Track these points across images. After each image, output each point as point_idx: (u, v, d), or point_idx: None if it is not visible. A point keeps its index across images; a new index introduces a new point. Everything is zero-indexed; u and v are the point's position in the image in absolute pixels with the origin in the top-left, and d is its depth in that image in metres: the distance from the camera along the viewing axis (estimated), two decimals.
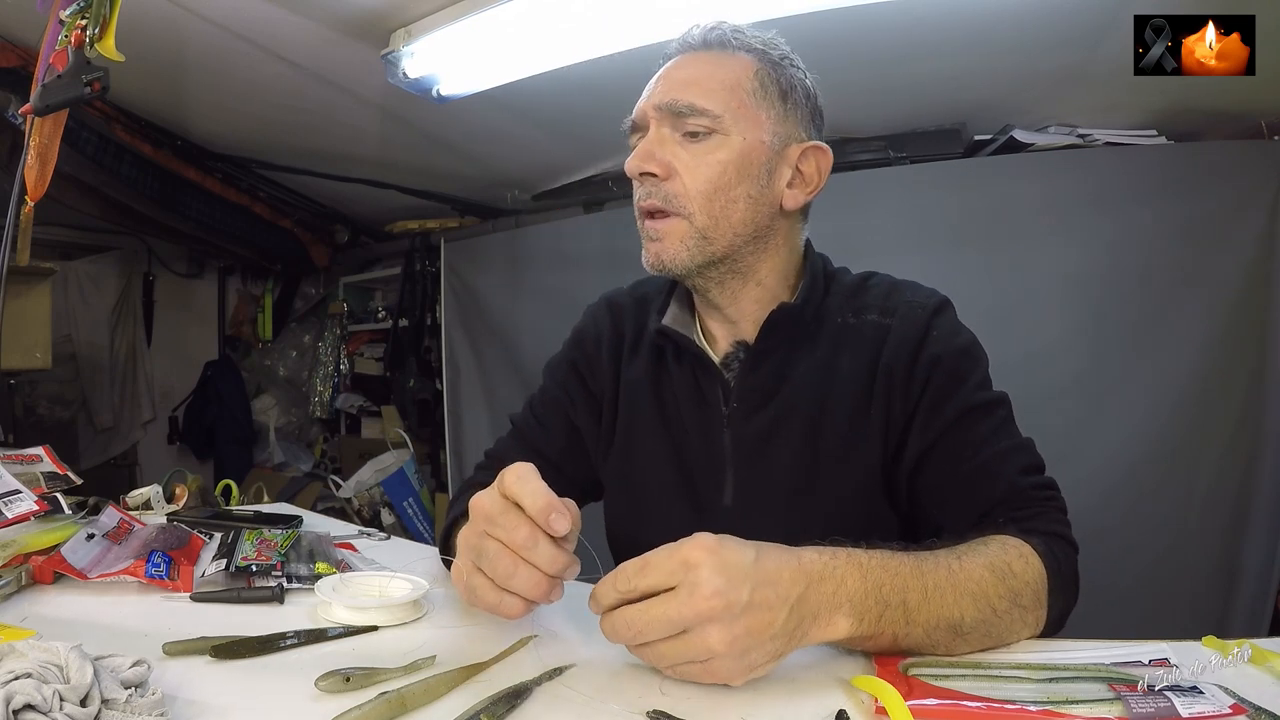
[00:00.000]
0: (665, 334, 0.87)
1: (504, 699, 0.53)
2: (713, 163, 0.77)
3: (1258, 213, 1.79)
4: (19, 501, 0.81)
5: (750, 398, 0.84)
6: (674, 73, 0.81)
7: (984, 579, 0.62)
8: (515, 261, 2.86)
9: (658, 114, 0.79)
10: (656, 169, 0.78)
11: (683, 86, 0.78)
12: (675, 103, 0.77)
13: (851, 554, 0.59)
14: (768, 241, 0.82)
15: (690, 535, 0.55)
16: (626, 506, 0.92)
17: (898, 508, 0.81)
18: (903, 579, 0.59)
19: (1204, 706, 0.49)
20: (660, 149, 0.78)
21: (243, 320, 4.08)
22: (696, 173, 0.77)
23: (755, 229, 0.80)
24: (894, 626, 0.58)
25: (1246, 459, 1.80)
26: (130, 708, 0.47)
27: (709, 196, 0.78)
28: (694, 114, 0.77)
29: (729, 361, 0.85)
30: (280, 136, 2.48)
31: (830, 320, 0.84)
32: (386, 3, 1.61)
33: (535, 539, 0.58)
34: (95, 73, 0.99)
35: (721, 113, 0.77)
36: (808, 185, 0.83)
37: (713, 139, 0.77)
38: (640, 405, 0.90)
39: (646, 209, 0.80)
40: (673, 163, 0.78)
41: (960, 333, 0.82)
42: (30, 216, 1.16)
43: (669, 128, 0.79)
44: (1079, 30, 1.61)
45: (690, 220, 0.78)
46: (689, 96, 0.77)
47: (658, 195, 0.78)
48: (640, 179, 0.79)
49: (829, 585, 0.56)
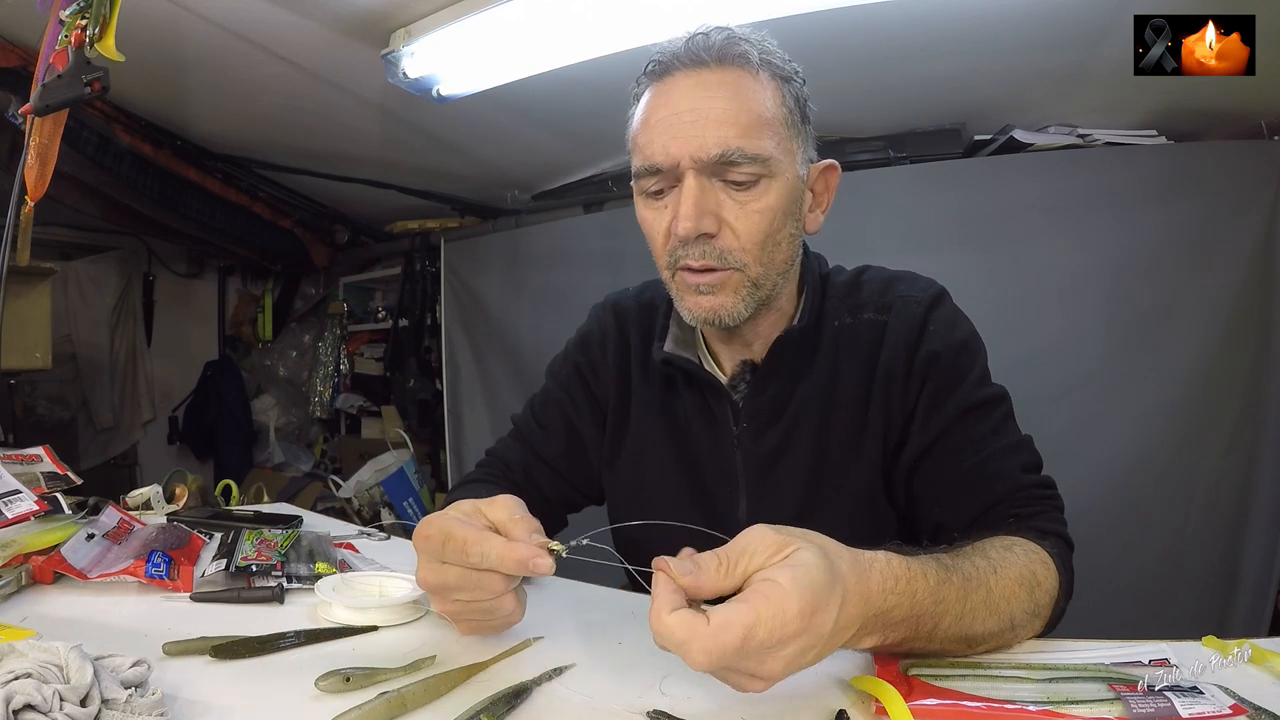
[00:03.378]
0: (671, 363, 0.86)
1: (504, 699, 0.53)
2: (764, 210, 0.72)
3: (1258, 213, 1.79)
4: (19, 501, 0.81)
5: (759, 417, 0.83)
6: (700, 104, 0.71)
7: (1015, 595, 0.61)
8: (515, 261, 2.86)
9: (698, 165, 0.71)
10: (713, 228, 0.72)
11: (721, 126, 0.70)
12: (726, 153, 0.70)
13: (911, 580, 0.54)
14: (794, 267, 0.81)
15: (762, 541, 0.49)
16: (635, 517, 0.92)
17: (896, 505, 0.81)
18: (945, 605, 0.56)
19: (1204, 707, 0.49)
20: (712, 203, 0.71)
21: (243, 320, 4.08)
22: (748, 221, 0.72)
23: (790, 264, 0.79)
24: (914, 642, 0.57)
25: (1246, 459, 1.80)
26: (130, 708, 0.47)
27: (761, 246, 0.73)
28: (746, 161, 0.70)
29: (736, 382, 0.85)
30: (280, 137, 2.48)
31: (828, 324, 0.84)
32: (386, 3, 1.61)
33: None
34: (95, 73, 0.99)
35: (770, 155, 0.71)
36: (821, 204, 0.82)
37: (760, 184, 0.72)
38: (651, 421, 0.90)
39: (697, 267, 0.73)
40: (722, 215, 0.72)
41: (958, 325, 0.81)
42: (30, 216, 1.16)
43: (710, 175, 0.72)
44: (1079, 30, 1.61)
45: (744, 272, 0.74)
46: (737, 142, 0.70)
47: (711, 255, 0.72)
48: (696, 241, 0.73)
49: (879, 620, 0.53)
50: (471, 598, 0.59)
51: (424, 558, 0.60)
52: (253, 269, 4.05)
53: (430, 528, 0.59)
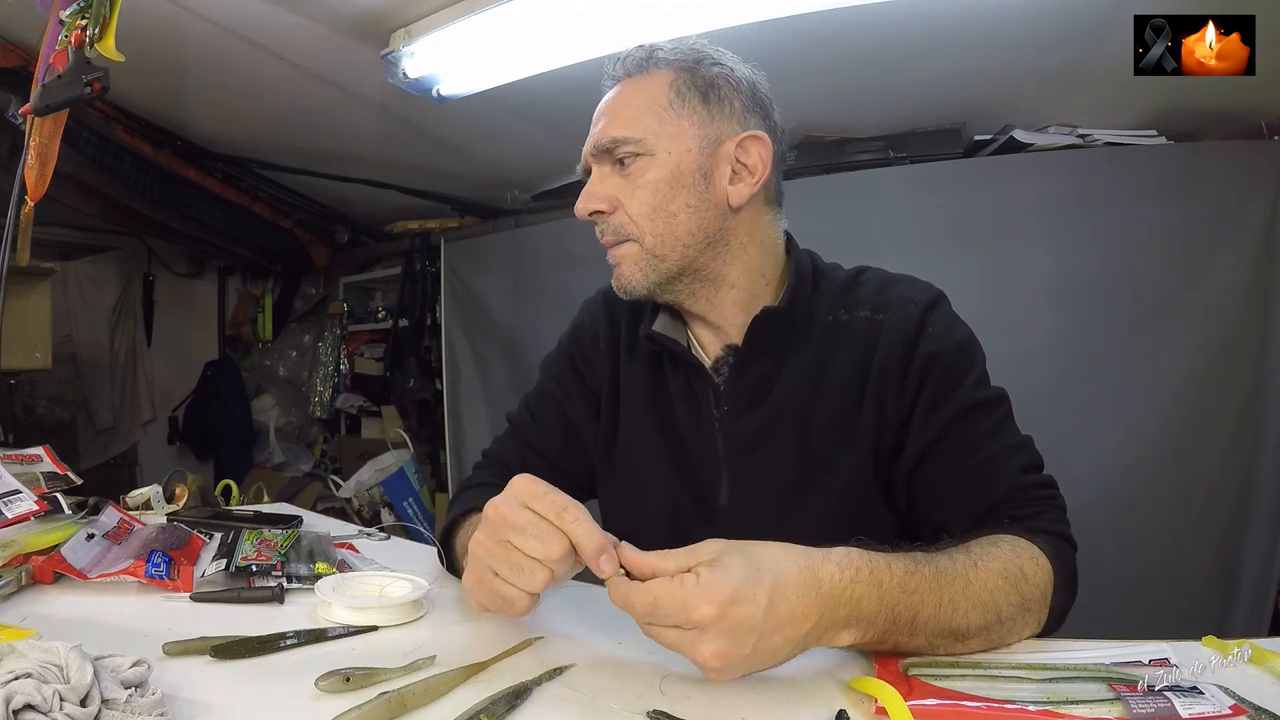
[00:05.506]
0: (655, 339, 0.88)
1: (504, 699, 0.53)
2: (645, 184, 0.80)
3: (1258, 213, 1.79)
4: (19, 501, 0.81)
5: (740, 400, 0.84)
6: (600, 111, 0.84)
7: (998, 588, 0.62)
8: (515, 261, 2.85)
9: (594, 156, 0.83)
10: (602, 205, 0.82)
11: (606, 122, 0.82)
12: (600, 141, 0.81)
13: (875, 570, 0.58)
14: (727, 244, 0.83)
15: (696, 546, 0.56)
16: (627, 504, 0.93)
17: (896, 508, 0.81)
18: (919, 596, 0.58)
19: (1204, 707, 0.49)
20: (600, 186, 0.82)
21: (243, 320, 4.08)
22: (634, 197, 0.80)
23: (706, 235, 0.81)
24: (897, 637, 0.58)
25: (1246, 459, 1.80)
26: (130, 708, 0.47)
27: (649, 217, 0.80)
28: (618, 145, 0.80)
29: (719, 366, 0.86)
30: (280, 136, 2.48)
31: (820, 318, 0.84)
32: (386, 3, 1.61)
33: (566, 556, 0.59)
34: (95, 73, 0.99)
35: (642, 135, 0.79)
36: (752, 176, 0.82)
37: (640, 162, 0.80)
38: (639, 406, 0.91)
39: (605, 244, 0.84)
40: (614, 194, 0.82)
41: (956, 328, 0.81)
42: (30, 216, 1.16)
43: (606, 165, 0.83)
44: (1079, 30, 1.61)
45: (640, 243, 0.81)
46: (611, 131, 0.81)
47: (609, 229, 0.82)
48: (592, 218, 0.83)
49: (843, 610, 0.56)
50: (529, 550, 0.59)
51: (508, 500, 0.61)
52: (253, 269, 4.05)
53: (535, 481, 0.62)
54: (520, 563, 0.59)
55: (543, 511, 0.59)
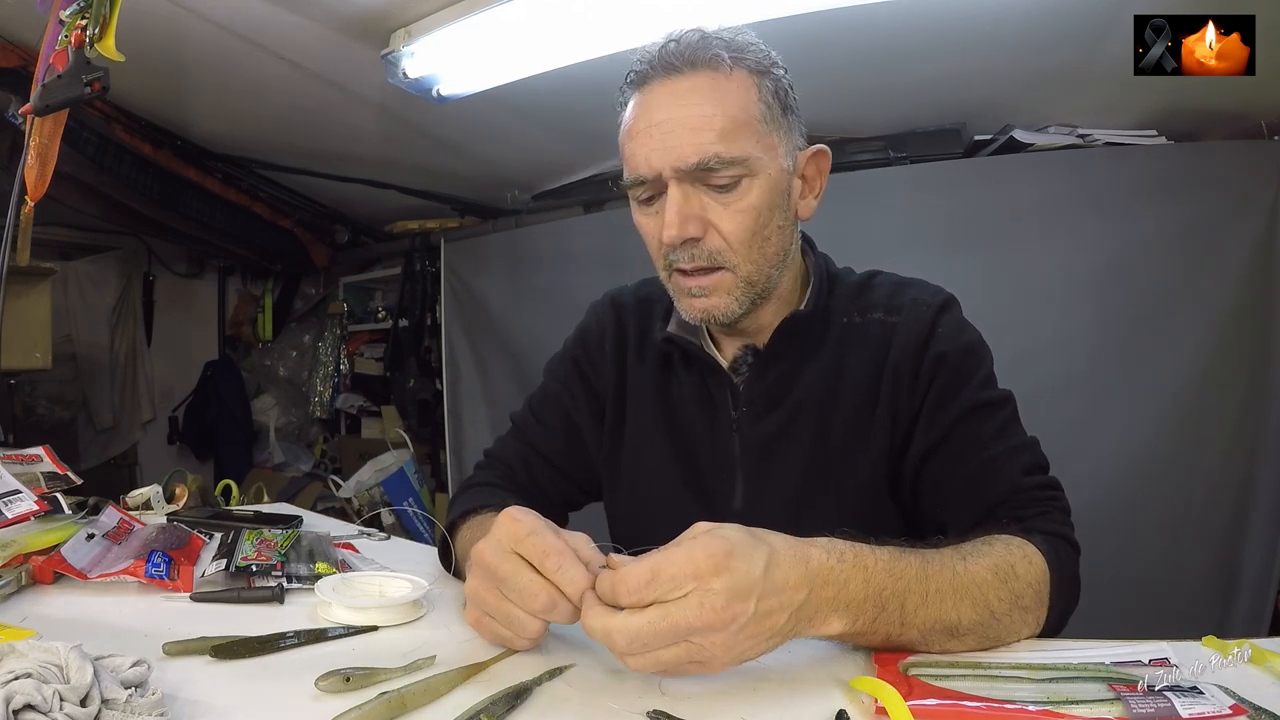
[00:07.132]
0: (672, 340, 0.87)
1: (504, 699, 0.53)
2: (747, 209, 0.74)
3: (1258, 213, 1.79)
4: (19, 501, 0.81)
5: (759, 402, 0.84)
6: (676, 112, 0.72)
7: (987, 582, 0.61)
8: (515, 261, 2.85)
9: (679, 174, 0.73)
10: (698, 232, 0.74)
11: (697, 134, 0.71)
12: (703, 161, 0.71)
13: (859, 555, 0.58)
14: (791, 257, 0.82)
15: (693, 528, 0.54)
16: (633, 509, 0.92)
17: (902, 504, 0.81)
18: (905, 582, 0.58)
19: (1204, 707, 0.49)
20: (692, 207, 0.74)
21: (243, 320, 4.08)
22: (732, 220, 0.74)
23: (784, 254, 0.80)
24: (888, 627, 0.58)
25: (1246, 459, 1.80)
26: (130, 708, 0.47)
27: (748, 243, 0.75)
28: (725, 166, 0.72)
29: (737, 366, 0.85)
30: (280, 136, 2.48)
31: (835, 321, 0.84)
32: (386, 3, 1.61)
33: (554, 603, 0.57)
34: (95, 73, 0.98)
35: (747, 155, 0.72)
36: (813, 189, 0.82)
37: (742, 185, 0.73)
38: (647, 410, 0.90)
39: (689, 269, 0.76)
40: (707, 218, 0.74)
41: (965, 330, 0.82)
42: (30, 216, 1.15)
43: (692, 182, 0.74)
44: (1079, 30, 1.61)
45: (735, 271, 0.76)
46: (713, 148, 0.71)
47: (701, 256, 0.75)
48: (673, 244, 0.75)
49: (831, 590, 0.56)
50: (516, 602, 0.58)
51: (494, 541, 0.59)
52: (253, 269, 4.05)
53: (524, 515, 0.59)
54: (511, 613, 0.58)
55: (527, 555, 0.57)
